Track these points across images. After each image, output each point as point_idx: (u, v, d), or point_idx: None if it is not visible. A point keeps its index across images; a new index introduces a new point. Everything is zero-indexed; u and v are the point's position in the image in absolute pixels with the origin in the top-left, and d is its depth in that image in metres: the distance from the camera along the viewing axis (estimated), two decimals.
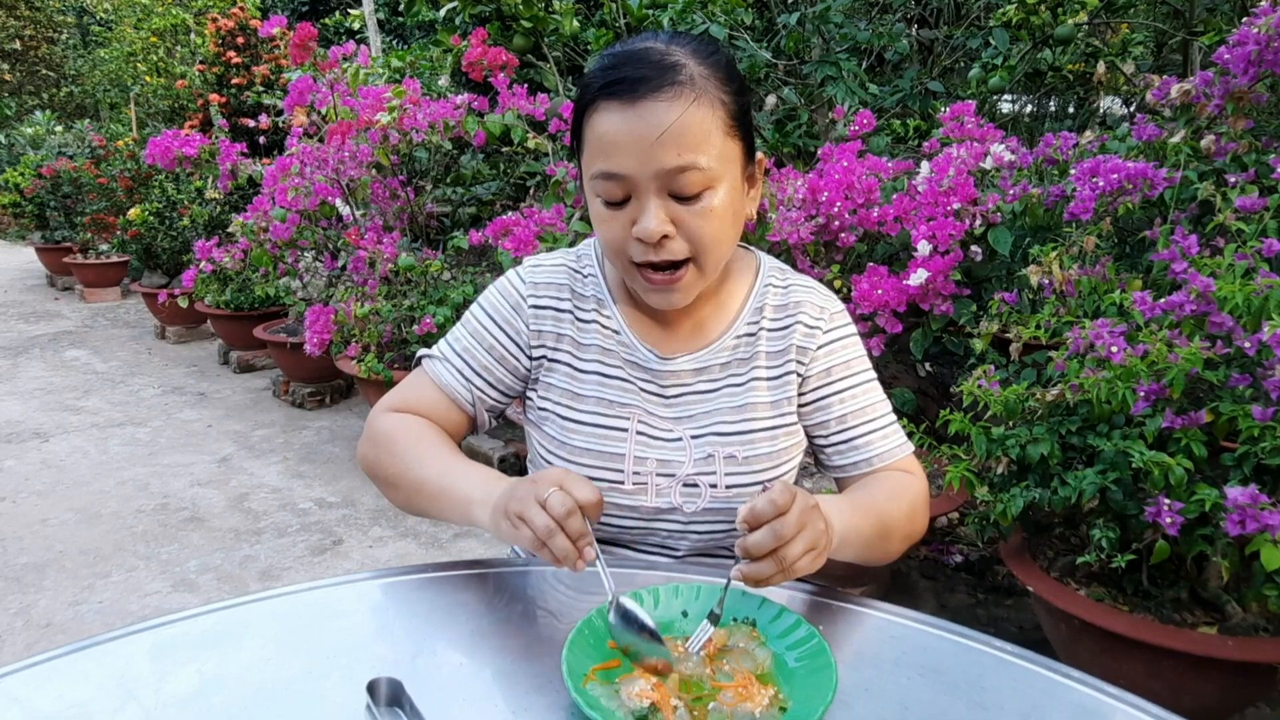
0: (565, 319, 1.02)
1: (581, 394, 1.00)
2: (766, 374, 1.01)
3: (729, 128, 0.88)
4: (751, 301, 1.03)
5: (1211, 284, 1.49)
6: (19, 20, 12.60)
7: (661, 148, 0.83)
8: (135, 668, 0.74)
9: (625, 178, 0.86)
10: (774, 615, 0.77)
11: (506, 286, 1.04)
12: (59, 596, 2.49)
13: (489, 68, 3.30)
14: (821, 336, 1.01)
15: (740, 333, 1.01)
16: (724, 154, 0.87)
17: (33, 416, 4.11)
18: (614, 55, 0.88)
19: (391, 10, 6.76)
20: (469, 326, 1.04)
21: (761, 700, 0.68)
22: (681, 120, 0.84)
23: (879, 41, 3.36)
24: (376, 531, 2.90)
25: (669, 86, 0.84)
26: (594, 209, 0.91)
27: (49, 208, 7.52)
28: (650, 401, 1.00)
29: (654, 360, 1.00)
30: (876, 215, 2.25)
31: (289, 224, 3.75)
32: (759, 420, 0.99)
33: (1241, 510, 1.32)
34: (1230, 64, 1.85)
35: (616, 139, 0.85)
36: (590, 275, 1.04)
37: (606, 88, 0.85)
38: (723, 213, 0.88)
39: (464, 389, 1.02)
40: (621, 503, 0.98)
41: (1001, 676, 0.75)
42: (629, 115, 0.84)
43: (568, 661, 0.68)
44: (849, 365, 1.02)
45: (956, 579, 2.42)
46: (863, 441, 1.01)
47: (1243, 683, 1.57)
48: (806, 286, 1.04)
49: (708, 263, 0.91)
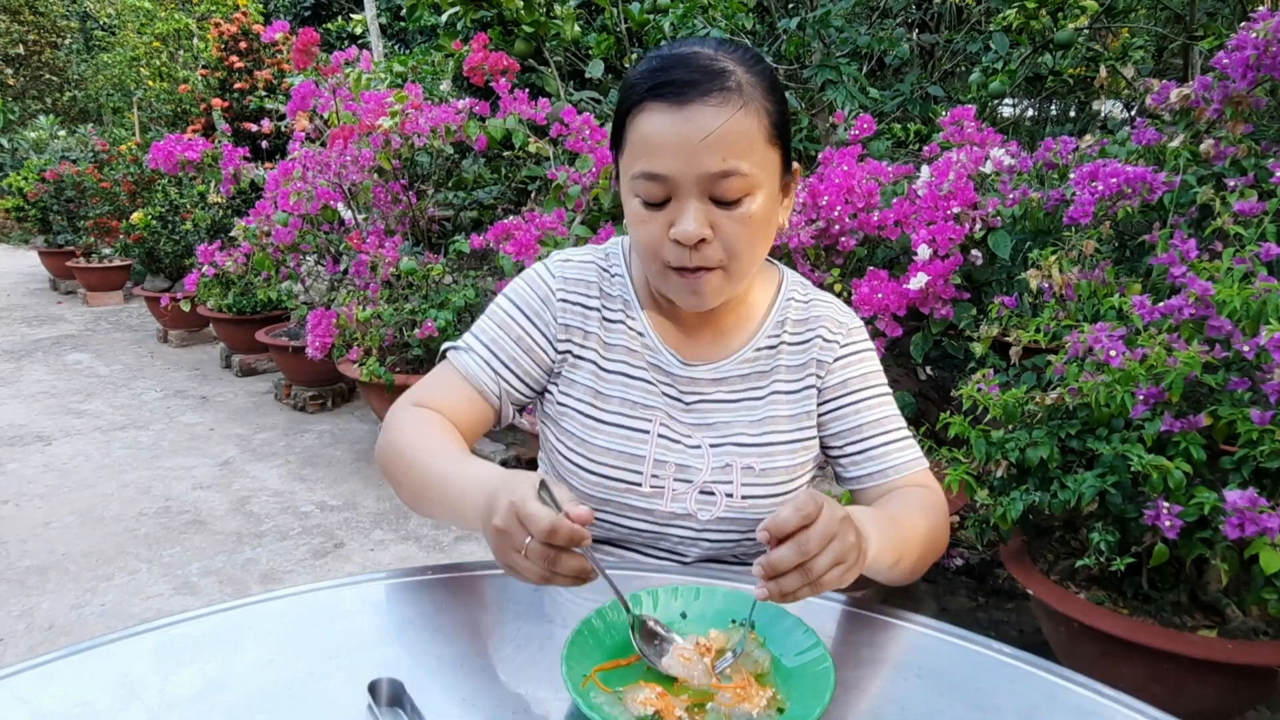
0: (593, 316, 1.02)
1: (605, 393, 1.00)
2: (786, 388, 1.01)
3: (771, 136, 0.88)
4: (774, 315, 1.03)
5: (1210, 288, 1.49)
6: (23, 25, 12.64)
7: (707, 152, 0.84)
8: (139, 668, 0.75)
9: (668, 179, 0.86)
10: (773, 617, 0.78)
11: (535, 278, 1.03)
12: (61, 599, 2.49)
13: (490, 72, 3.31)
14: (839, 350, 1.02)
15: (761, 345, 1.02)
16: (765, 162, 0.88)
17: (35, 420, 4.12)
18: (662, 58, 0.88)
19: (394, 15, 6.78)
20: (496, 318, 1.03)
21: (759, 701, 0.68)
22: (728, 126, 0.84)
23: (879, 46, 3.37)
24: (378, 535, 2.91)
25: (718, 92, 0.84)
26: (631, 209, 0.91)
27: (52, 212, 7.54)
28: (671, 406, 1.00)
29: (676, 365, 1.00)
30: (877, 219, 2.25)
31: (291, 228, 3.76)
32: (778, 434, 0.99)
33: (1240, 513, 1.32)
34: (1229, 69, 1.86)
35: (662, 140, 0.85)
36: (618, 275, 1.04)
37: (655, 89, 0.85)
38: (760, 220, 0.89)
39: (491, 380, 1.01)
40: (637, 505, 0.98)
41: (1001, 679, 0.75)
42: (676, 118, 0.84)
43: (567, 662, 0.68)
44: (865, 379, 1.02)
45: (957, 582, 2.42)
46: (879, 453, 1.01)
47: (1243, 686, 1.57)
48: (827, 302, 1.05)
49: (739, 269, 0.91)
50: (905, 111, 3.46)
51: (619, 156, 0.93)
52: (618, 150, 0.94)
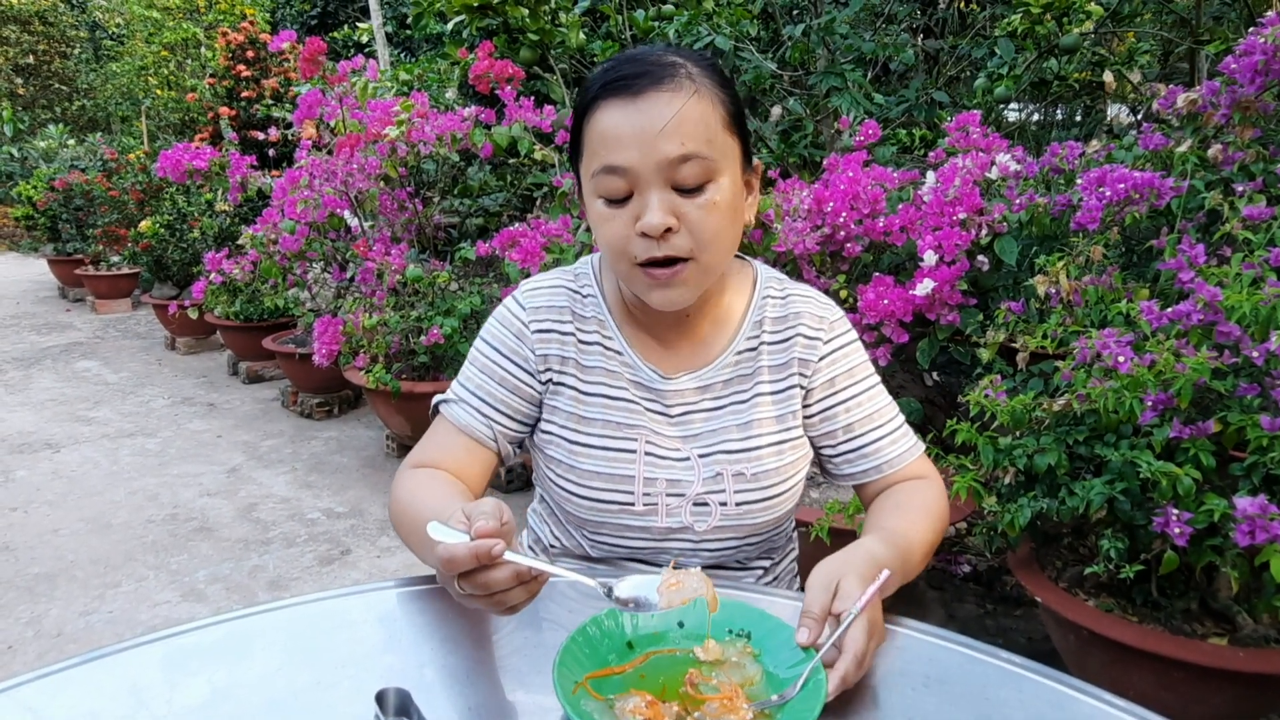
0: (568, 341, 1.01)
1: (587, 417, 0.99)
2: (770, 389, 1.00)
3: (728, 124, 0.89)
4: (750, 315, 1.02)
5: (1219, 293, 1.48)
6: (33, 35, 12.76)
7: (665, 138, 0.84)
8: (147, 678, 0.75)
9: (628, 170, 0.85)
10: (771, 629, 0.77)
11: (507, 315, 1.03)
12: (70, 606, 2.50)
13: (496, 80, 3.32)
14: (823, 347, 1.00)
15: (741, 348, 1.01)
16: (725, 149, 0.88)
17: (44, 427, 4.15)
18: (612, 61, 0.90)
19: (399, 24, 6.82)
20: (477, 364, 1.03)
21: (746, 714, 0.68)
22: (684, 111, 0.84)
23: (884, 52, 3.37)
24: (384, 541, 2.91)
25: (669, 79, 0.85)
26: (594, 211, 0.90)
27: (61, 220, 7.60)
28: (656, 421, 0.99)
29: (657, 380, 1.00)
30: (882, 225, 2.25)
31: (298, 236, 3.78)
32: (764, 436, 0.99)
33: (1251, 521, 1.31)
34: (1237, 73, 1.85)
35: (619, 133, 0.85)
36: (590, 296, 1.03)
37: (607, 86, 0.86)
38: (724, 208, 0.88)
39: (484, 426, 1.00)
40: (632, 524, 0.98)
41: (1009, 688, 0.75)
42: (630, 110, 0.85)
43: (559, 670, 0.69)
44: (852, 374, 1.01)
45: (964, 589, 2.41)
46: (872, 449, 1.01)
47: (1254, 694, 1.56)
48: (805, 296, 1.03)
49: (709, 260, 0.89)
50: (910, 117, 3.46)
51: (579, 165, 0.93)
52: (576, 160, 0.93)
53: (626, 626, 0.78)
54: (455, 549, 0.70)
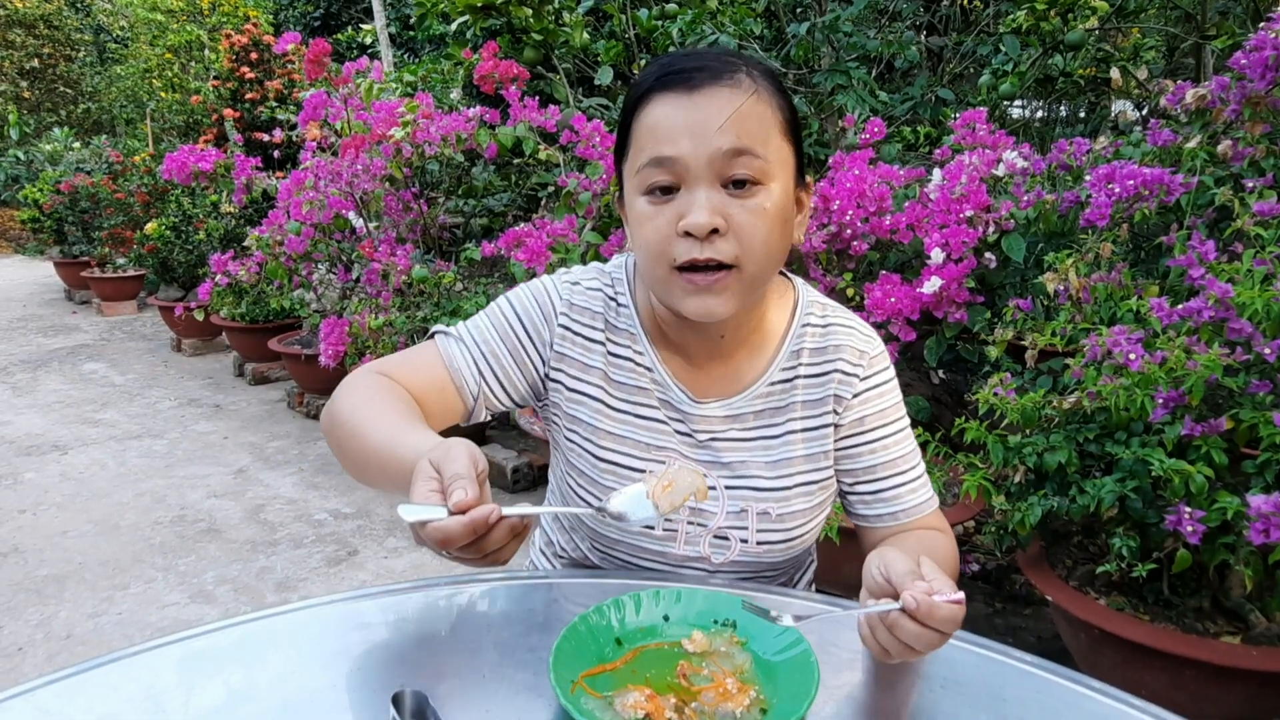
0: (595, 350, 0.97)
1: (614, 433, 0.96)
2: (802, 425, 0.95)
3: (785, 130, 0.85)
4: (788, 344, 0.96)
5: (1230, 290, 1.48)
6: (37, 39, 12.79)
7: (721, 132, 0.80)
8: (163, 681, 0.75)
9: (677, 161, 0.81)
10: (754, 616, 0.77)
11: (543, 293, 0.98)
12: (79, 608, 2.51)
13: (500, 80, 3.33)
14: (859, 384, 0.95)
15: (775, 379, 0.95)
16: (780, 155, 0.84)
17: (52, 429, 4.16)
18: (668, 56, 0.86)
19: (403, 25, 6.83)
20: (494, 318, 0.98)
21: (742, 700, 0.68)
22: (743, 109, 0.81)
23: (888, 50, 3.37)
24: (391, 542, 2.91)
25: (729, 75, 0.82)
26: (636, 210, 0.86)
27: (67, 223, 7.63)
28: (684, 443, 0.96)
29: (686, 402, 0.95)
30: (889, 223, 2.25)
31: (303, 237, 3.79)
32: (795, 476, 0.95)
33: (1265, 518, 1.31)
34: (1247, 69, 1.85)
35: (671, 124, 0.82)
36: (624, 306, 0.98)
37: (663, 79, 0.83)
38: (774, 216, 0.83)
39: (472, 378, 0.95)
40: (650, 547, 0.95)
41: (1021, 687, 0.75)
42: (685, 103, 0.82)
43: (555, 669, 0.69)
44: (884, 414, 0.96)
45: (974, 588, 2.41)
46: (891, 495, 0.96)
47: (1267, 693, 1.55)
48: (847, 327, 0.97)
49: (753, 270, 0.84)
50: (916, 115, 3.45)
51: (623, 161, 0.89)
52: (622, 155, 0.89)
53: (614, 622, 0.78)
54: (449, 528, 0.65)
